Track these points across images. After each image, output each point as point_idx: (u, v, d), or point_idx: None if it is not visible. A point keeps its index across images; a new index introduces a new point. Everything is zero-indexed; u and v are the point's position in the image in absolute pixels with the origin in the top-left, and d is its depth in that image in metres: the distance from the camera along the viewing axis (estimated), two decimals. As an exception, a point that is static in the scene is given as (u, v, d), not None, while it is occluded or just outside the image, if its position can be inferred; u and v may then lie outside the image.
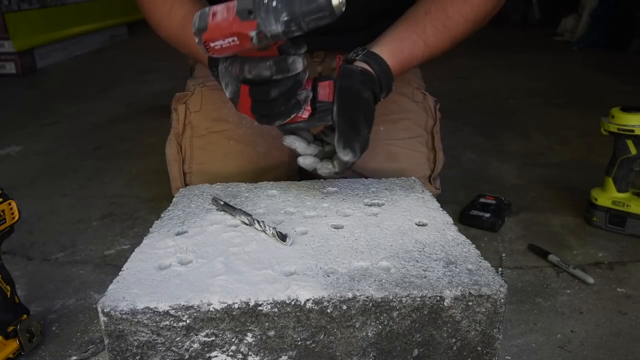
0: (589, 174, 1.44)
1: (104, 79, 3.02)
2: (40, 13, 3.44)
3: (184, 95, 1.05)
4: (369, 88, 0.77)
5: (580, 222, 1.22)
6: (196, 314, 0.53)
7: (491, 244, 1.14)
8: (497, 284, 0.56)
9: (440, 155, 1.05)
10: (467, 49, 0.94)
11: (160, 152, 1.07)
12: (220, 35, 0.59)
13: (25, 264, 1.09)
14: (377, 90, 0.79)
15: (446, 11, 0.84)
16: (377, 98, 0.80)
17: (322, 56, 1.03)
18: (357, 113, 0.74)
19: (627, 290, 0.96)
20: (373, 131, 1.00)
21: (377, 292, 0.55)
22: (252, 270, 0.59)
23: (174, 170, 1.01)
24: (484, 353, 0.58)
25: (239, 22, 0.57)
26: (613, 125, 1.10)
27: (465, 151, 1.71)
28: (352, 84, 0.76)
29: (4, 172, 1.65)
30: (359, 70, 0.78)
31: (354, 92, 0.75)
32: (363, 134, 0.73)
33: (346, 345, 0.56)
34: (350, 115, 0.73)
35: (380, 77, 0.79)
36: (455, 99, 2.35)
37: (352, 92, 0.75)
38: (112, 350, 0.55)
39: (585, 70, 3.05)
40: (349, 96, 0.74)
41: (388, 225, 0.71)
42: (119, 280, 0.58)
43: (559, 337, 0.84)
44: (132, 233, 1.21)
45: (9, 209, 0.77)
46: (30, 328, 0.80)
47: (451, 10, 0.84)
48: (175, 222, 0.73)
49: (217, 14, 0.58)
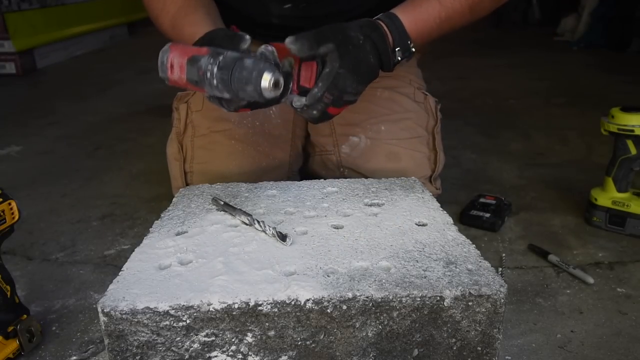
0: (589, 174, 1.44)
1: (104, 79, 3.02)
2: (40, 13, 3.44)
3: (185, 94, 1.05)
4: (364, 33, 0.74)
5: (580, 222, 1.22)
6: (196, 314, 0.53)
7: (491, 244, 1.14)
8: (497, 284, 0.56)
9: (441, 156, 1.05)
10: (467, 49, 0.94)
11: (160, 152, 1.07)
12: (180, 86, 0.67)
13: (25, 264, 1.09)
14: (380, 42, 0.76)
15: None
16: (385, 55, 0.77)
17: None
18: (329, 34, 0.71)
19: (627, 290, 0.96)
20: (374, 131, 1.01)
21: (377, 292, 0.55)
22: (252, 270, 0.59)
23: (174, 170, 1.01)
24: (484, 353, 0.58)
25: (190, 85, 0.65)
26: (613, 125, 1.10)
27: (465, 151, 1.71)
28: (344, 24, 0.74)
29: (4, 172, 1.65)
30: (365, 20, 0.76)
31: (338, 25, 0.74)
32: (327, 62, 0.71)
33: (346, 345, 0.56)
34: (320, 30, 0.72)
35: (391, 29, 0.77)
36: (455, 99, 2.35)
37: (336, 25, 0.74)
38: (112, 350, 0.55)
39: (585, 70, 3.05)
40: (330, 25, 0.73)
41: (388, 225, 0.71)
42: (119, 280, 0.58)
43: (559, 337, 0.83)
44: (132, 233, 1.21)
45: (9, 209, 0.77)
46: (30, 328, 0.80)
47: None
48: (175, 222, 0.73)
49: (174, 67, 0.65)
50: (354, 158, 1.02)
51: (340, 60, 0.71)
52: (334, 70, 0.71)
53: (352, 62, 0.72)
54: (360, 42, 0.74)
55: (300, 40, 0.70)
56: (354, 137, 1.02)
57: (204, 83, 0.63)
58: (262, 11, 0.97)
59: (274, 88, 0.62)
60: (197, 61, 0.63)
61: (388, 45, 0.77)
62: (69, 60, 3.70)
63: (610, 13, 3.63)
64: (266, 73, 0.61)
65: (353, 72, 0.72)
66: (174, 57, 0.65)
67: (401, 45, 0.78)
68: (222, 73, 0.62)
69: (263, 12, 0.97)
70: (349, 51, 0.72)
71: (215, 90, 0.63)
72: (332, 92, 0.72)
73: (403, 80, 1.07)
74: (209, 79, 0.62)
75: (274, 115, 1.03)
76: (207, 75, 0.62)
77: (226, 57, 0.62)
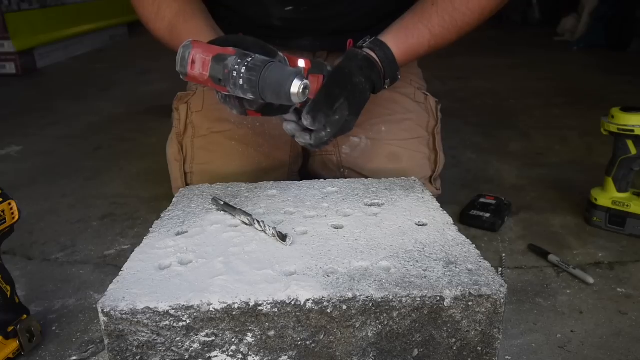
0: (589, 174, 1.44)
1: (104, 79, 3.02)
2: (40, 13, 3.44)
3: (185, 94, 1.05)
4: (365, 75, 0.79)
5: (580, 222, 1.22)
6: (196, 314, 0.53)
7: (491, 244, 1.14)
8: (497, 284, 0.57)
9: (441, 156, 1.05)
10: (467, 49, 0.95)
11: (160, 152, 1.07)
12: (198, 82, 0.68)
13: (25, 264, 1.09)
14: (376, 78, 0.81)
15: (453, 3, 0.85)
16: (378, 86, 0.82)
17: (324, 56, 1.04)
18: (339, 91, 0.75)
19: (627, 290, 0.96)
20: (374, 131, 1.01)
21: (377, 292, 0.55)
22: (252, 270, 0.59)
23: (174, 170, 1.01)
24: (484, 353, 0.58)
25: (212, 83, 0.66)
26: (613, 125, 1.10)
27: (465, 151, 1.71)
28: (347, 66, 0.78)
29: (4, 172, 1.65)
30: (362, 55, 0.80)
31: (345, 73, 0.77)
32: (337, 112, 0.74)
33: (346, 345, 0.56)
34: (331, 90, 0.74)
35: (384, 64, 0.81)
36: (455, 99, 2.35)
37: (343, 73, 0.77)
38: (112, 350, 0.55)
39: (585, 70, 3.05)
40: (339, 76, 0.76)
41: (388, 225, 0.71)
42: (119, 280, 0.58)
43: (559, 337, 0.83)
44: (132, 233, 1.21)
45: (9, 209, 0.77)
46: (30, 328, 0.80)
47: (458, 2, 0.85)
48: (175, 222, 0.73)
49: (196, 63, 0.66)
50: (354, 158, 1.02)
51: (349, 108, 0.76)
52: (343, 118, 0.76)
53: (357, 107, 0.79)
54: (362, 86, 0.79)
55: (316, 115, 0.72)
56: (355, 138, 1.02)
57: (228, 82, 0.64)
58: (263, 13, 0.97)
59: (302, 94, 0.64)
60: (224, 60, 0.64)
61: (381, 79, 0.83)
62: (69, 60, 3.70)
63: (610, 13, 3.63)
64: (297, 79, 0.63)
65: (357, 114, 0.80)
66: (197, 54, 0.66)
67: (391, 77, 0.84)
68: (251, 74, 0.63)
69: (264, 15, 0.97)
70: (356, 98, 0.78)
71: (238, 90, 0.64)
72: (337, 134, 0.78)
73: (403, 81, 1.07)
74: (235, 77, 0.63)
75: (274, 115, 1.03)
76: (233, 74, 0.63)
77: (255, 59, 0.64)
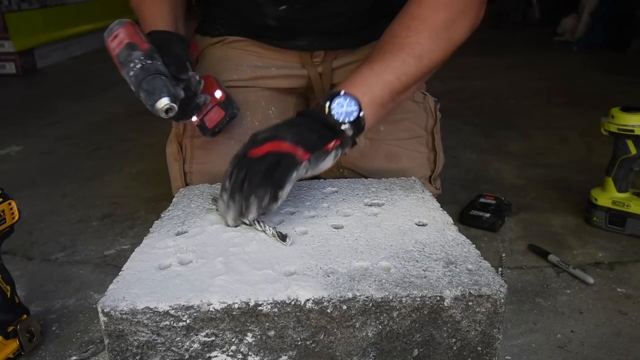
0: (589, 174, 1.44)
1: (104, 79, 3.01)
2: (40, 13, 3.44)
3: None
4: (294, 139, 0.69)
5: (580, 222, 1.22)
6: (196, 314, 0.53)
7: (491, 244, 1.14)
8: (497, 284, 0.56)
9: (441, 156, 1.05)
10: (467, 49, 0.94)
11: (160, 152, 1.07)
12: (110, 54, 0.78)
13: (25, 264, 1.09)
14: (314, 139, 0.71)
15: None
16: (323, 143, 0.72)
17: (322, 56, 1.04)
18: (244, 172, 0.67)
19: (627, 290, 0.96)
20: (373, 131, 1.01)
21: (377, 292, 0.55)
22: (252, 270, 0.59)
23: (174, 170, 1.00)
24: (484, 353, 0.58)
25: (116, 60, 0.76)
26: (613, 125, 1.10)
27: (465, 151, 1.71)
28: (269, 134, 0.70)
29: (4, 172, 1.65)
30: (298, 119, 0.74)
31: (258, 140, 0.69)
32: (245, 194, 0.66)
33: (346, 345, 0.56)
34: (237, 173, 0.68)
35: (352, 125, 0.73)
36: (455, 99, 2.35)
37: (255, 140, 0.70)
38: (112, 350, 0.55)
39: (585, 70, 3.05)
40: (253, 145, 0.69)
41: (388, 225, 0.71)
42: (119, 280, 0.58)
43: (559, 337, 0.83)
44: (132, 233, 1.21)
45: (9, 209, 0.77)
46: (30, 328, 0.80)
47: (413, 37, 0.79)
48: (175, 222, 0.73)
49: (116, 39, 0.77)
50: (353, 158, 1.02)
51: None
52: None
53: None
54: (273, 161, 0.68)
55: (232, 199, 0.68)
56: (354, 138, 1.01)
57: (124, 67, 0.73)
58: (258, 13, 0.97)
59: (165, 113, 0.73)
60: (133, 49, 0.73)
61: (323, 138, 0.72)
62: (69, 60, 3.70)
63: (610, 13, 3.63)
64: (165, 98, 0.71)
65: None
66: (121, 32, 0.77)
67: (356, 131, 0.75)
68: (139, 73, 0.72)
69: (259, 14, 0.97)
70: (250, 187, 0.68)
71: (127, 78, 0.74)
72: None
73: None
74: (130, 67, 0.73)
75: (272, 115, 1.03)
76: (130, 65, 0.73)
77: (152, 65, 0.73)
